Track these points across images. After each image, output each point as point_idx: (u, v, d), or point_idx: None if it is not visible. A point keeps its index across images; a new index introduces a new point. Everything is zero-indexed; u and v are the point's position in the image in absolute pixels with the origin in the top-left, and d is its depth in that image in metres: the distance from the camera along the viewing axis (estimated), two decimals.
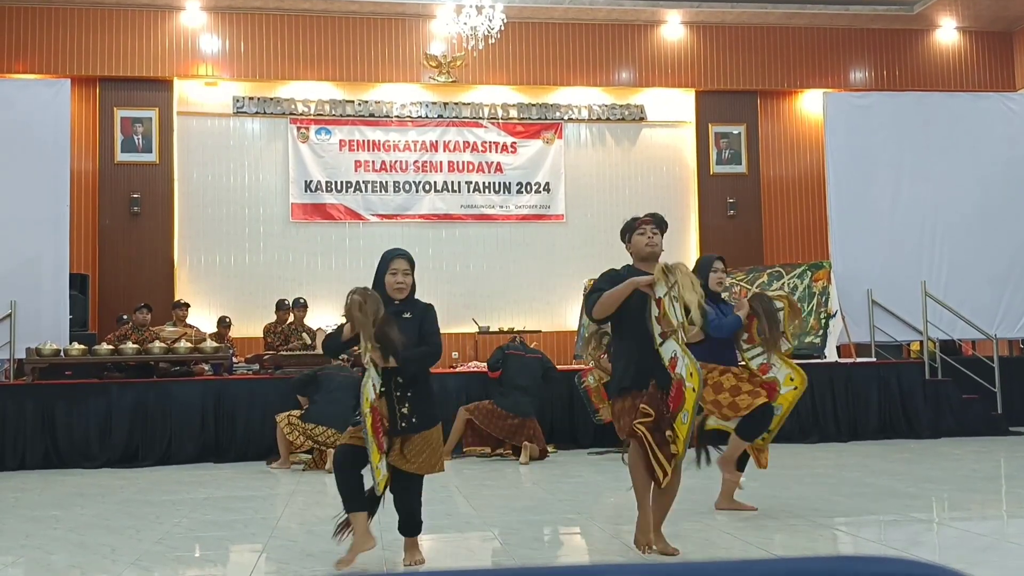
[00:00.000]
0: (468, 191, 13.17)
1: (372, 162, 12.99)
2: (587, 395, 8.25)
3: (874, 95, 11.65)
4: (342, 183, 12.89)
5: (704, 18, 13.31)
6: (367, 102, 12.99)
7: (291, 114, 12.83)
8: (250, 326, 11.85)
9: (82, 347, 8.82)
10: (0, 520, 5.69)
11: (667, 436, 4.15)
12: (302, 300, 10.38)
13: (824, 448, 8.56)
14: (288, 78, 12.79)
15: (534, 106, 13.37)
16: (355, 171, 12.94)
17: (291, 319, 10.32)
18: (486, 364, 8.82)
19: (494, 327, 12.28)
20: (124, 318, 10.39)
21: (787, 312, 5.37)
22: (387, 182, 13.00)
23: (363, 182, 12.94)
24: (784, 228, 13.75)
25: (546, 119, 13.39)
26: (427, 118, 13.13)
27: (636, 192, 13.52)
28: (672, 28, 13.39)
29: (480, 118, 13.23)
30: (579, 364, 9.58)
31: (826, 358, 9.64)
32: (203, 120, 12.76)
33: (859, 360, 10.02)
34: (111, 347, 8.96)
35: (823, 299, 10.08)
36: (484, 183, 13.21)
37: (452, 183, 13.15)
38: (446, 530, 5.16)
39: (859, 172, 10.70)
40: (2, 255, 9.35)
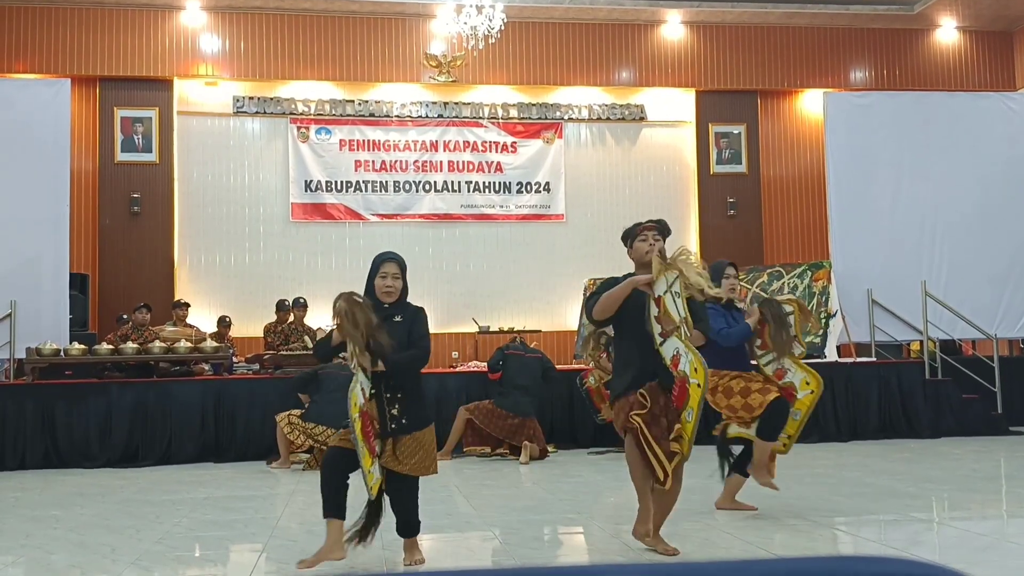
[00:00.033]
0: (468, 191, 13.17)
1: (372, 162, 12.99)
2: (588, 395, 8.26)
3: (874, 95, 11.66)
4: (342, 183, 12.89)
5: (704, 18, 13.31)
6: (367, 102, 12.99)
7: (291, 114, 12.83)
8: (250, 326, 11.86)
9: (82, 347, 8.83)
10: (0, 520, 5.69)
11: (667, 432, 4.11)
12: (302, 300, 10.39)
13: (824, 448, 8.56)
14: (288, 78, 12.79)
15: (534, 106, 13.37)
16: (355, 171, 12.94)
17: (291, 319, 10.33)
18: (486, 365, 8.82)
19: (494, 327, 12.29)
20: (124, 318, 10.40)
21: (797, 316, 5.35)
22: (387, 182, 13.00)
23: (363, 182, 12.94)
24: (784, 228, 13.75)
25: (546, 119, 13.39)
26: (427, 118, 13.12)
27: (636, 192, 13.52)
28: (672, 28, 13.39)
29: (480, 118, 13.23)
30: (579, 364, 9.58)
31: (826, 358, 9.63)
32: (203, 120, 12.76)
33: (859, 360, 10.02)
34: (111, 347, 8.97)
35: (823, 299, 10.09)
36: (484, 183, 13.21)
37: (452, 183, 13.14)
38: (446, 530, 5.16)
39: (859, 172, 10.70)
40: (2, 255, 9.36)
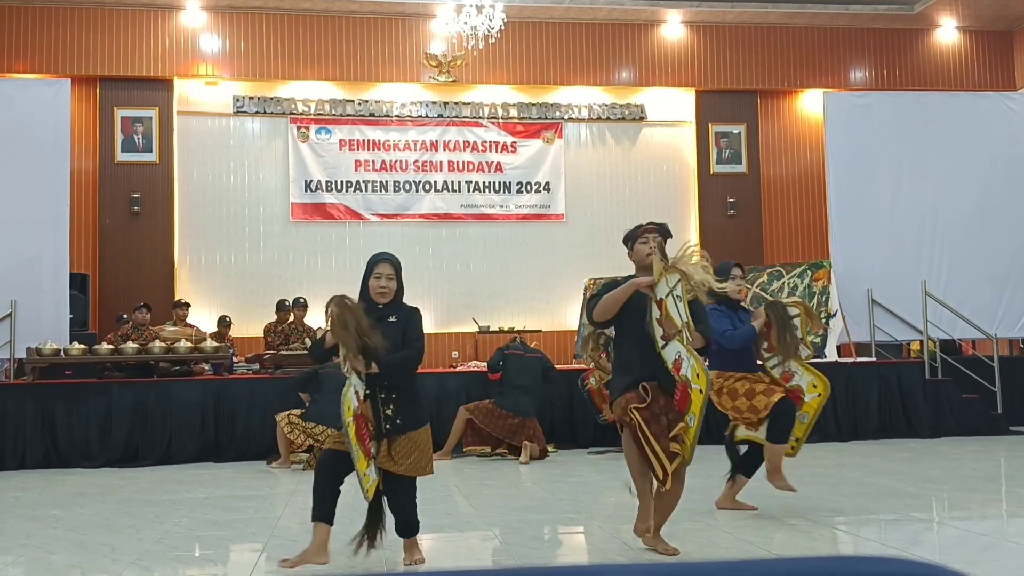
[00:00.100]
0: (468, 191, 13.16)
1: (372, 162, 12.99)
2: (590, 396, 8.25)
3: (874, 94, 11.66)
4: (342, 183, 12.89)
5: (704, 17, 13.30)
6: (367, 102, 12.99)
7: (291, 114, 12.83)
8: (250, 326, 11.86)
9: (82, 347, 8.83)
10: (0, 519, 5.69)
11: (667, 430, 4.07)
12: (302, 300, 10.40)
13: (824, 448, 8.55)
14: (288, 78, 12.79)
15: (534, 106, 13.37)
16: (355, 171, 12.93)
17: (291, 319, 10.34)
18: (486, 365, 8.82)
19: (494, 327, 12.29)
20: (124, 318, 10.40)
21: (803, 319, 5.34)
22: (387, 182, 13.00)
23: (363, 182, 12.94)
24: (784, 227, 13.74)
25: (546, 119, 13.39)
26: (427, 118, 13.12)
27: (636, 192, 13.52)
28: (672, 27, 13.38)
29: (480, 118, 13.23)
30: (579, 364, 9.58)
31: (826, 357, 9.63)
32: (203, 120, 12.76)
33: (859, 360, 10.03)
34: (111, 347, 8.97)
35: (823, 298, 10.09)
36: (484, 183, 13.21)
37: (452, 183, 13.14)
38: (446, 529, 5.16)
39: (859, 171, 10.70)
40: (2, 255, 9.36)
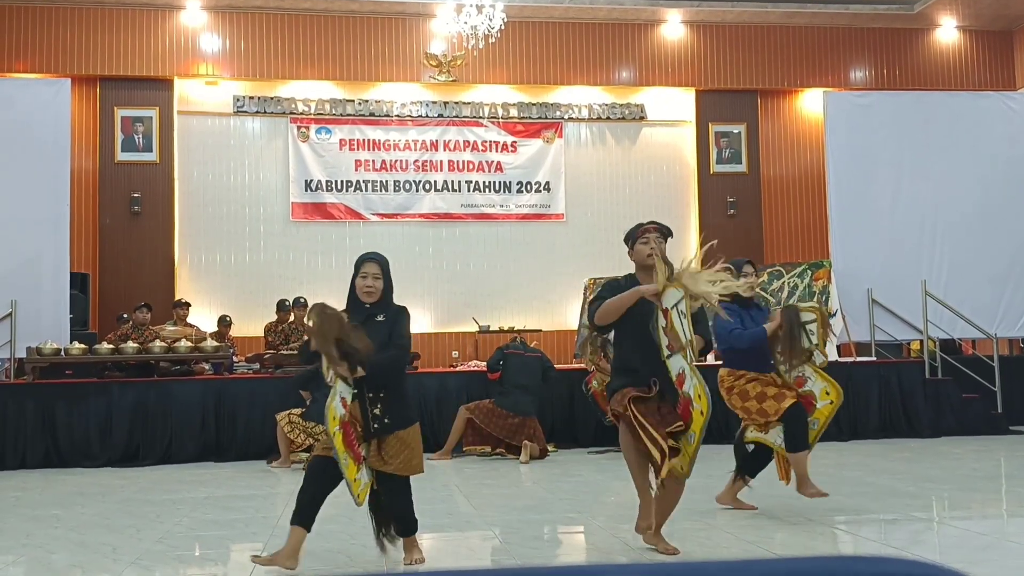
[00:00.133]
0: (468, 190, 13.16)
1: (372, 161, 12.99)
2: (594, 399, 8.24)
3: (874, 94, 11.66)
4: (342, 182, 12.88)
5: (704, 17, 13.30)
6: (367, 101, 12.99)
7: (291, 113, 12.83)
8: (251, 325, 11.86)
9: (82, 346, 8.83)
10: (1, 519, 5.70)
11: (663, 425, 4.02)
12: (303, 299, 10.38)
13: (824, 447, 8.52)
14: (288, 77, 12.79)
15: (534, 105, 13.36)
16: (355, 170, 12.93)
17: (292, 318, 10.34)
18: (486, 365, 8.82)
19: (494, 326, 12.29)
20: (124, 317, 10.39)
21: (820, 325, 5.30)
22: (387, 181, 13.00)
23: (363, 181, 12.94)
24: (784, 227, 13.74)
25: (546, 118, 13.39)
26: (427, 117, 13.12)
27: (636, 191, 13.52)
28: (672, 27, 13.38)
29: (480, 117, 13.23)
30: (579, 363, 9.58)
31: (827, 357, 9.61)
32: (203, 119, 12.76)
33: (859, 359, 10.03)
34: (111, 346, 8.97)
35: (823, 298, 10.08)
36: (484, 182, 13.20)
37: (452, 182, 13.14)
38: (446, 529, 5.16)
39: (859, 171, 10.70)
40: (2, 255, 9.36)
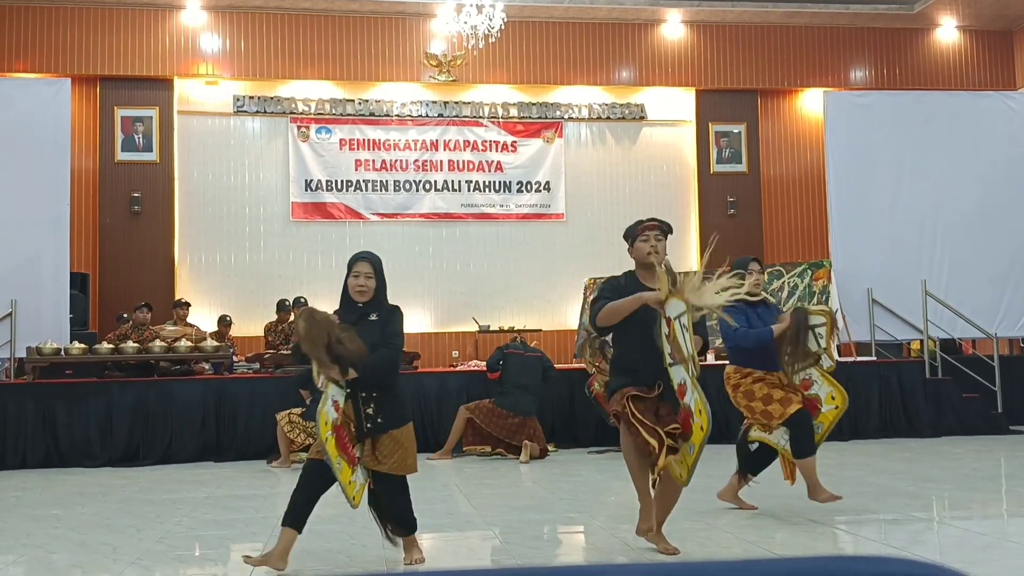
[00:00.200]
0: (468, 190, 13.16)
1: (372, 161, 12.99)
2: (597, 401, 8.23)
3: (874, 94, 11.66)
4: (342, 182, 12.89)
5: (704, 17, 13.30)
6: (367, 101, 12.99)
7: (291, 113, 12.83)
8: (251, 325, 11.86)
9: (83, 346, 8.83)
10: (1, 519, 5.70)
11: (660, 423, 4.02)
12: (303, 299, 10.39)
13: (825, 447, 8.43)
14: (288, 77, 12.79)
15: (534, 105, 13.36)
16: (355, 170, 12.93)
17: (292, 318, 10.34)
18: (486, 365, 8.81)
19: (494, 326, 12.29)
20: (124, 317, 10.40)
21: (829, 329, 5.29)
22: (387, 181, 13.00)
23: (363, 181, 12.94)
24: (784, 227, 13.74)
25: (546, 118, 13.39)
26: (427, 117, 13.12)
27: (636, 191, 13.52)
28: (672, 27, 13.38)
29: (480, 117, 13.23)
30: (579, 363, 9.58)
31: None
32: (203, 119, 12.76)
33: (860, 359, 10.02)
34: (112, 346, 8.97)
35: (823, 298, 10.08)
36: (484, 182, 13.20)
37: (452, 182, 13.14)
38: (446, 529, 5.16)
39: (859, 171, 10.70)
40: (2, 255, 9.36)
